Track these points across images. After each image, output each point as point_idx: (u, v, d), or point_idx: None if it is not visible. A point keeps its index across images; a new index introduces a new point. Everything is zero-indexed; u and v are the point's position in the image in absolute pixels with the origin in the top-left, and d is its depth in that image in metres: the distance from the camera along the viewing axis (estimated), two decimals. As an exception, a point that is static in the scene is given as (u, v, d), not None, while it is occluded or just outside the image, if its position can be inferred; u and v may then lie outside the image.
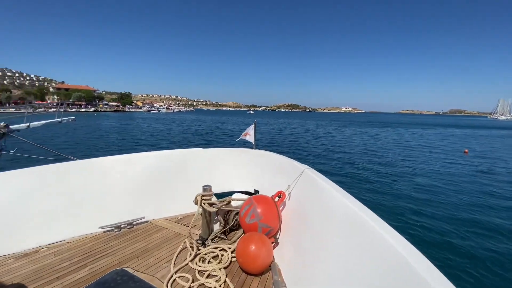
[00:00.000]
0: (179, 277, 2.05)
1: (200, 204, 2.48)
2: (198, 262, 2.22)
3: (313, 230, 2.03)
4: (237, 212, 2.79)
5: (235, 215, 2.78)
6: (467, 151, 19.34)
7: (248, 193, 3.44)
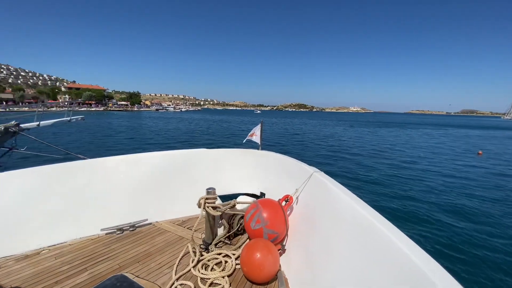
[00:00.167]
0: (181, 285, 1.95)
1: (203, 207, 2.39)
2: (200, 269, 2.12)
3: (322, 237, 1.91)
4: (242, 216, 2.68)
5: (240, 219, 2.67)
6: (481, 153, 18.71)
7: (253, 196, 3.33)
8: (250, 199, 2.91)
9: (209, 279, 2.01)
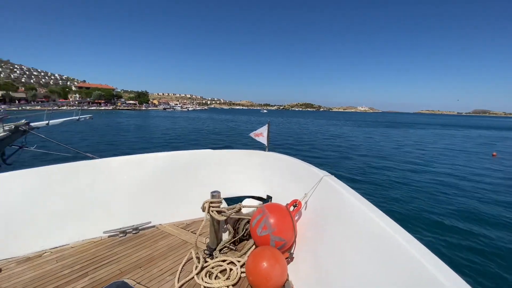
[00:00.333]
0: None
1: (208, 211, 2.29)
2: (204, 276, 2.03)
3: (333, 246, 1.79)
4: (247, 221, 2.57)
5: (245, 224, 2.57)
6: (495, 154, 18.08)
7: (259, 199, 3.22)
8: (256, 203, 2.79)
9: None
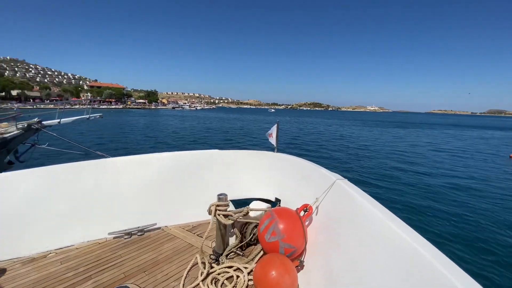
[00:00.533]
0: None
1: (214, 215, 2.20)
2: (210, 284, 1.94)
3: (346, 255, 1.67)
4: (255, 225, 2.47)
5: (253, 228, 2.47)
6: (512, 156, 17.36)
7: (267, 201, 3.11)
8: (264, 205, 2.69)
9: None
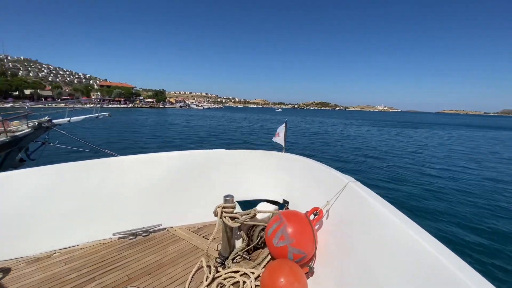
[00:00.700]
0: None
1: (220, 217, 2.13)
2: (215, 289, 1.87)
3: (359, 262, 1.58)
4: (263, 228, 2.39)
5: (260, 231, 2.38)
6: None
7: (275, 203, 3.02)
8: (272, 207, 2.60)
9: None
